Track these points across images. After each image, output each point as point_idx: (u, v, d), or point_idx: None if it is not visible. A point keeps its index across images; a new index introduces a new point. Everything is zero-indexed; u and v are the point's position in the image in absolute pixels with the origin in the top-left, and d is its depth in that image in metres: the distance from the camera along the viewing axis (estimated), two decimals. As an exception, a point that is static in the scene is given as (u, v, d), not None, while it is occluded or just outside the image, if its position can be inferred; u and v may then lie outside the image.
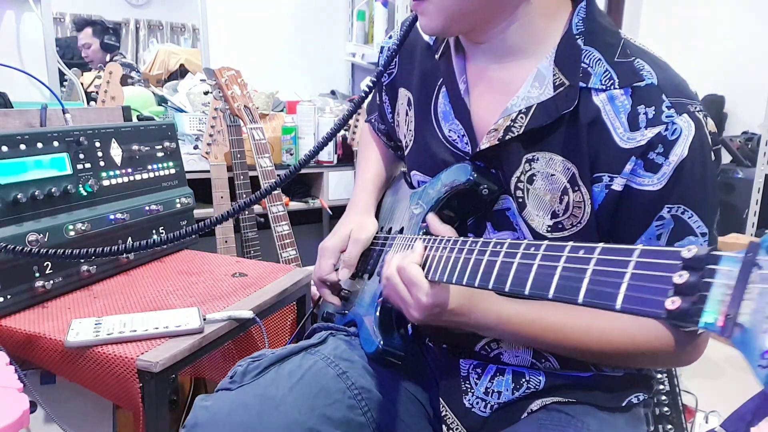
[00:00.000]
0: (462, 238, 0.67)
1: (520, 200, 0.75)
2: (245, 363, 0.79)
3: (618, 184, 0.69)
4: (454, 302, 0.69)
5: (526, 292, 0.50)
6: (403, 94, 0.90)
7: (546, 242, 0.51)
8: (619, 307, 0.41)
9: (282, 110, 2.62)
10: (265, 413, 0.72)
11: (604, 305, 0.43)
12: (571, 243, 0.48)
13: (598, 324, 0.71)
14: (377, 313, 0.83)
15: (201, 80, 2.35)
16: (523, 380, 0.79)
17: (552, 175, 0.72)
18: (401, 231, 0.90)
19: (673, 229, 0.68)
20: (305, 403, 0.74)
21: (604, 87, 0.69)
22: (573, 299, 0.45)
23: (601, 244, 0.46)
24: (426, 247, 0.70)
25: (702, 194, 0.68)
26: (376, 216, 1.04)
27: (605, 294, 0.43)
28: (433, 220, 0.77)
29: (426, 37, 0.86)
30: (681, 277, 0.38)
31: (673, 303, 0.38)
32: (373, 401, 0.81)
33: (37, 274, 1.03)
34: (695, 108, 0.68)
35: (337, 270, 0.94)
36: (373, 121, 1.06)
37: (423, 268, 0.69)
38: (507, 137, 0.73)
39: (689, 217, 0.68)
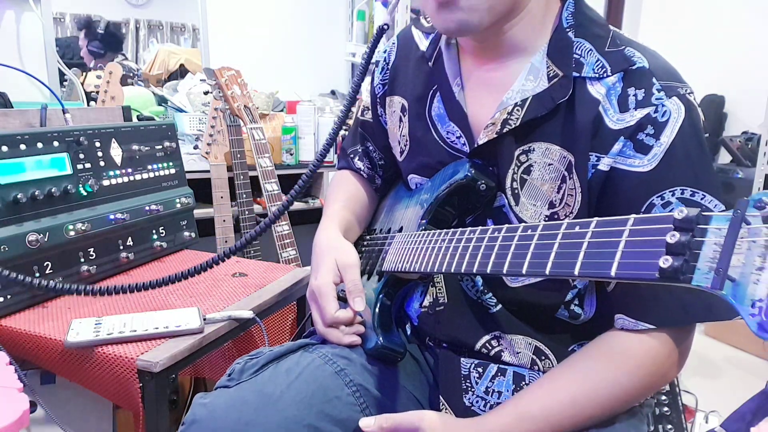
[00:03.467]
0: (460, 229, 0.67)
1: (515, 193, 0.76)
2: (243, 361, 0.80)
3: (604, 164, 0.69)
4: None
5: (524, 272, 0.52)
6: (398, 102, 0.91)
7: (543, 223, 0.52)
8: (614, 274, 0.43)
9: (282, 110, 2.62)
10: (262, 410, 0.72)
11: (599, 274, 0.44)
12: (566, 221, 0.50)
13: (580, 390, 0.70)
14: (376, 310, 0.83)
15: (201, 80, 2.35)
16: (524, 383, 0.79)
17: (550, 164, 0.73)
18: (400, 230, 0.90)
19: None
20: (303, 399, 0.74)
21: (597, 75, 0.70)
22: (569, 272, 0.47)
23: (595, 219, 0.47)
24: None
25: (708, 174, 0.68)
26: (374, 219, 1.05)
27: (600, 264, 0.44)
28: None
29: (421, 46, 0.88)
30: (673, 238, 0.39)
31: (665, 262, 0.39)
32: (372, 398, 0.81)
33: (37, 274, 1.03)
34: (685, 90, 0.68)
35: (341, 306, 0.84)
36: (352, 158, 1.03)
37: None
38: (504, 130, 0.74)
39: (702, 198, 0.67)
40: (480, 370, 0.81)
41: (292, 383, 0.76)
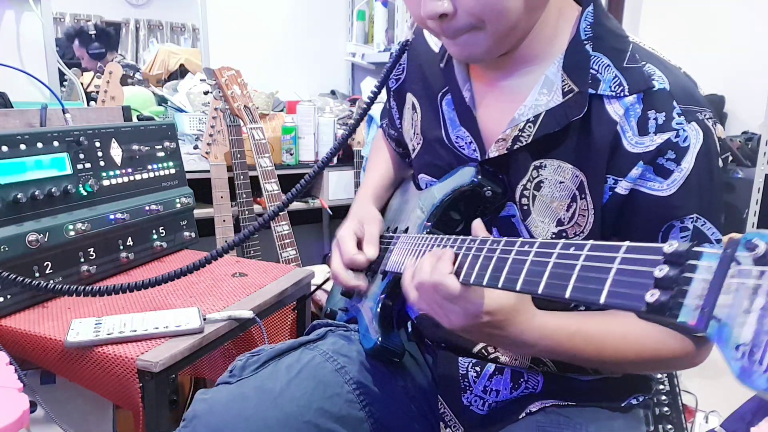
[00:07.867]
0: (461, 237, 0.65)
1: (525, 208, 0.75)
2: (244, 357, 0.81)
3: (622, 188, 0.68)
4: (500, 312, 0.62)
5: (517, 288, 0.51)
6: (410, 99, 0.90)
7: (540, 240, 0.51)
8: (603, 301, 0.42)
9: (282, 110, 2.62)
10: (262, 406, 0.73)
11: (589, 300, 0.43)
12: (562, 241, 0.49)
13: (632, 330, 0.69)
14: (378, 310, 0.84)
15: (201, 80, 2.35)
16: (522, 380, 0.79)
17: (561, 182, 0.72)
18: (406, 231, 0.90)
19: (689, 238, 0.68)
20: (303, 396, 0.75)
21: (614, 93, 0.68)
22: (560, 295, 0.46)
23: (590, 242, 0.46)
24: (455, 251, 0.64)
25: (713, 202, 0.68)
26: (383, 216, 1.04)
27: (590, 289, 0.43)
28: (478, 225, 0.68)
29: (433, 46, 0.86)
30: (661, 271, 0.38)
31: (652, 296, 0.38)
32: (372, 396, 0.81)
33: (37, 274, 1.03)
34: (704, 116, 0.67)
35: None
36: (384, 126, 1.05)
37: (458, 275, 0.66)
38: (515, 146, 0.72)
39: (702, 225, 0.68)
40: (478, 369, 0.81)
41: (292, 380, 0.76)
